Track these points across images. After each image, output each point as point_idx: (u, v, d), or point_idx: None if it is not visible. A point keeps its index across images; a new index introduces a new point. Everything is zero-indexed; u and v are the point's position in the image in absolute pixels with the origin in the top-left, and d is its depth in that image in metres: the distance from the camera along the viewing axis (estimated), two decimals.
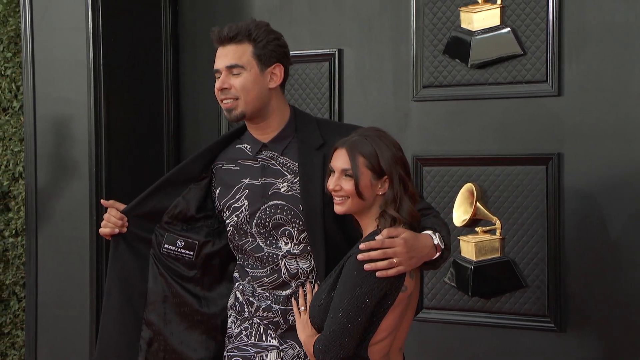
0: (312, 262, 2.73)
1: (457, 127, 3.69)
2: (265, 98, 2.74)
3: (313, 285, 2.73)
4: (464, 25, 3.66)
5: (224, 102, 2.73)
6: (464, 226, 3.64)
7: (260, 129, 2.79)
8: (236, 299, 2.85)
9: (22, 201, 4.34)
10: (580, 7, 3.46)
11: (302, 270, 2.74)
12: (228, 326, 2.87)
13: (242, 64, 2.70)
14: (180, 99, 4.31)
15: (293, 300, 2.73)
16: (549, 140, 3.52)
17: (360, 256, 2.46)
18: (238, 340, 2.82)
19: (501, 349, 3.62)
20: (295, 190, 2.73)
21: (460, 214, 3.64)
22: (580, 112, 3.48)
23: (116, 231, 2.83)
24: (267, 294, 2.77)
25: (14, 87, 4.38)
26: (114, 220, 2.83)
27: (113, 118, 4.01)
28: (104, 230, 2.85)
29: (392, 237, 2.47)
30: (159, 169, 4.20)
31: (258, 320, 2.79)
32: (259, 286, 2.78)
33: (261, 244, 2.76)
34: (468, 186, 3.63)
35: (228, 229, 2.83)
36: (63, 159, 4.06)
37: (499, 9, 3.59)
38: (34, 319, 4.14)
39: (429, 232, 2.58)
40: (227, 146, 2.88)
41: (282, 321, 2.76)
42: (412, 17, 3.75)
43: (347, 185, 2.53)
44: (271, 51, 2.72)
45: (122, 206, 2.86)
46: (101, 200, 2.93)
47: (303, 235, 2.72)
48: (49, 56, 4.07)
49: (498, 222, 3.60)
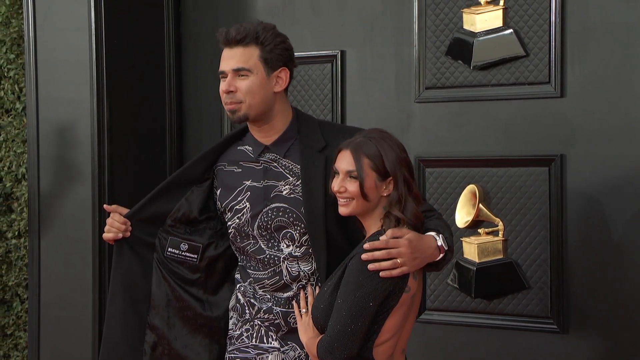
0: (314, 264, 2.73)
1: (459, 128, 3.69)
2: (270, 101, 2.73)
3: (314, 288, 2.73)
4: (466, 26, 3.65)
5: (228, 104, 2.71)
6: (466, 228, 3.64)
7: (263, 131, 2.78)
8: (237, 300, 2.85)
9: (25, 202, 4.34)
10: (582, 8, 3.46)
11: (304, 273, 2.74)
12: (229, 328, 2.87)
13: (249, 67, 2.68)
14: (183, 100, 4.31)
15: (294, 302, 2.72)
16: (552, 142, 3.52)
17: (364, 256, 2.45)
18: (239, 342, 2.81)
19: (504, 351, 3.62)
20: (298, 192, 2.72)
21: (462, 215, 3.64)
22: (583, 114, 3.47)
23: (120, 236, 2.82)
24: (268, 296, 2.77)
25: (16, 89, 4.38)
26: (117, 225, 2.82)
27: (115, 119, 4.01)
28: (107, 235, 2.84)
29: (396, 238, 2.47)
30: (162, 170, 4.20)
31: (259, 322, 2.79)
32: (260, 288, 2.78)
33: (263, 246, 2.76)
34: (471, 187, 3.62)
35: (230, 231, 2.82)
36: (65, 160, 4.06)
37: (501, 10, 3.58)
38: (36, 321, 4.14)
39: (433, 233, 2.58)
40: (229, 148, 2.87)
41: (283, 323, 2.76)
42: (415, 19, 3.75)
43: (352, 187, 2.53)
44: (278, 55, 2.70)
45: (125, 210, 2.85)
46: (104, 205, 2.91)
47: (305, 238, 2.72)
48: (52, 57, 4.07)
49: (501, 223, 3.59)
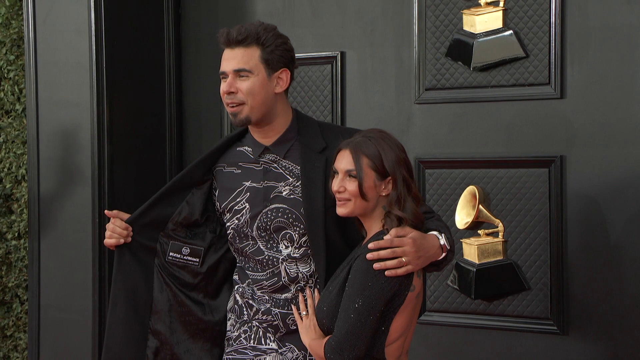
0: (312, 266, 2.73)
1: (459, 129, 3.69)
2: (270, 102, 2.72)
3: (313, 290, 2.72)
4: (466, 27, 3.66)
5: (230, 105, 2.71)
6: (466, 229, 3.64)
7: (263, 132, 2.78)
8: (235, 301, 2.85)
9: (24, 204, 4.34)
10: (582, 9, 3.46)
11: (302, 275, 2.74)
12: (227, 329, 2.86)
13: (250, 69, 2.68)
14: (183, 101, 4.31)
15: (293, 306, 2.72)
16: (552, 143, 3.52)
17: (369, 255, 2.45)
18: (237, 344, 2.81)
19: (504, 352, 3.61)
20: (297, 193, 2.72)
21: (462, 216, 3.64)
22: (582, 115, 3.47)
23: (121, 241, 2.81)
24: (267, 297, 2.77)
25: (16, 90, 4.38)
26: (119, 230, 2.80)
27: (115, 120, 4.01)
28: (109, 241, 2.82)
29: (400, 237, 2.47)
30: (162, 171, 4.19)
31: (257, 324, 2.79)
32: (258, 289, 2.78)
33: (262, 247, 2.76)
34: (470, 189, 3.62)
35: (229, 232, 2.82)
36: (65, 161, 4.06)
37: (501, 11, 3.58)
38: (36, 322, 4.14)
39: (435, 232, 2.58)
40: (228, 149, 2.87)
41: (281, 325, 2.75)
42: (415, 20, 3.75)
43: (351, 186, 2.52)
44: (279, 56, 2.70)
45: (126, 216, 2.84)
46: (105, 211, 2.90)
47: (304, 239, 2.72)
48: (52, 59, 4.07)
49: (500, 224, 3.59)
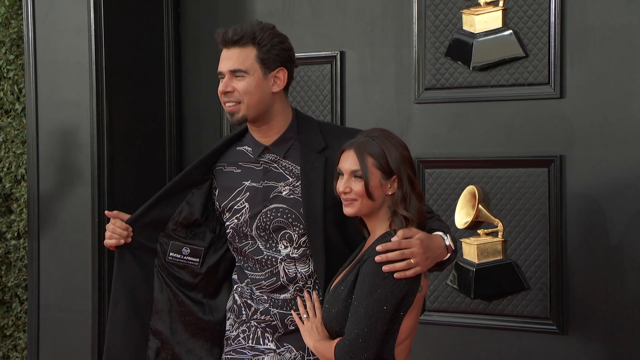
0: (311, 266, 2.72)
1: (459, 129, 3.69)
2: (267, 102, 2.72)
3: (311, 292, 2.72)
4: (466, 27, 3.66)
5: (227, 104, 2.72)
6: (466, 228, 3.64)
7: (262, 132, 2.78)
8: (234, 301, 2.85)
9: (24, 203, 4.33)
10: (582, 9, 3.46)
11: (301, 275, 2.73)
12: (226, 329, 2.86)
13: (245, 69, 2.68)
14: (183, 101, 4.31)
15: (293, 312, 2.71)
16: (551, 143, 3.52)
17: (377, 258, 2.44)
18: (236, 343, 2.81)
19: (503, 352, 3.61)
20: (297, 193, 2.72)
21: (462, 216, 3.64)
22: (582, 114, 3.47)
23: (122, 242, 2.81)
24: (265, 297, 2.77)
25: (16, 90, 4.38)
26: (119, 231, 2.80)
27: (115, 120, 4.01)
28: (109, 242, 2.82)
29: (408, 238, 2.47)
30: (162, 171, 4.19)
31: (255, 324, 2.79)
32: (257, 289, 2.77)
33: (261, 247, 2.76)
34: (470, 188, 3.63)
35: (228, 231, 2.82)
36: (65, 161, 4.06)
37: (501, 11, 3.58)
38: (36, 322, 4.14)
39: (440, 233, 2.58)
40: (228, 149, 2.87)
41: (280, 325, 2.75)
42: (414, 20, 3.75)
43: (357, 187, 2.52)
44: (275, 55, 2.70)
45: (126, 216, 2.84)
46: (105, 211, 2.90)
47: (303, 239, 2.72)
48: (51, 58, 4.07)
49: (500, 224, 3.59)
